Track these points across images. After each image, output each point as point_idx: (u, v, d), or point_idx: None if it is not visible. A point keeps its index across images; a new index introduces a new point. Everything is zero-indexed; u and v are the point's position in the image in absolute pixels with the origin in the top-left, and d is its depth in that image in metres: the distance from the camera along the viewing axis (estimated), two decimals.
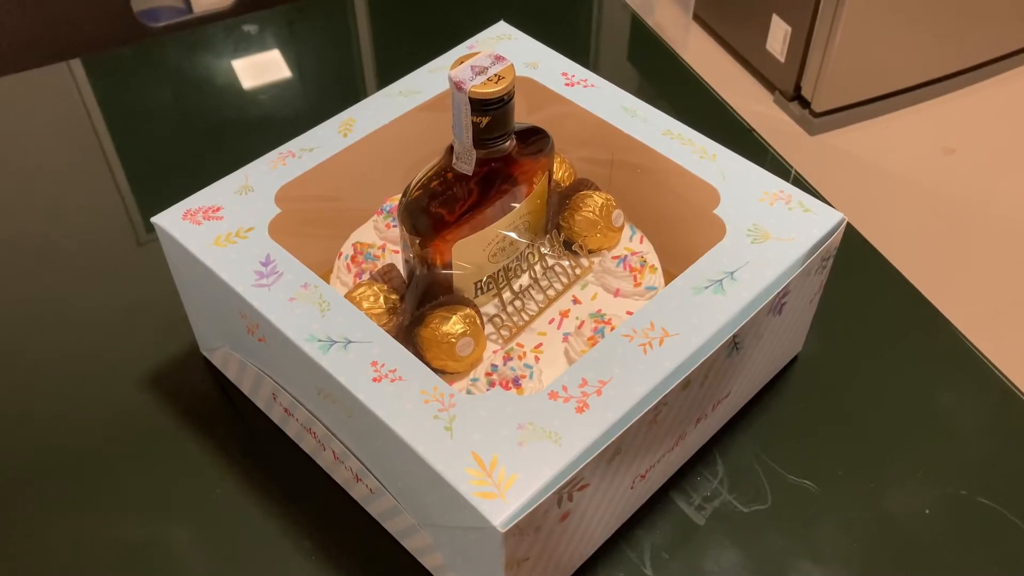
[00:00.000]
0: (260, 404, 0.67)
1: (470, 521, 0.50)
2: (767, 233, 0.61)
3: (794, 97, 2.10)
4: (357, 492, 0.62)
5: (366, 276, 0.66)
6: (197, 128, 0.93)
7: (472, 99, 0.55)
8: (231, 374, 0.69)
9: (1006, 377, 0.71)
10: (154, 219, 0.62)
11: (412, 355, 0.54)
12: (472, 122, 0.56)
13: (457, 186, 0.59)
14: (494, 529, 0.48)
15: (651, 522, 0.63)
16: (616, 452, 0.53)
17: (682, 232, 0.67)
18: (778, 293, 0.59)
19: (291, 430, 0.65)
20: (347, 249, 0.68)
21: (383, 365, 0.54)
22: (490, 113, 0.56)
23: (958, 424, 0.68)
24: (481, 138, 0.57)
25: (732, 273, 0.59)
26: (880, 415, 0.69)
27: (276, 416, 0.66)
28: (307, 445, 0.65)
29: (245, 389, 0.68)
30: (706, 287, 0.58)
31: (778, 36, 2.07)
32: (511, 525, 0.48)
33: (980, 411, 0.69)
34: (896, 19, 1.93)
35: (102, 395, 0.70)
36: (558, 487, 0.50)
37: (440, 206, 0.59)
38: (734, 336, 0.57)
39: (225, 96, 0.97)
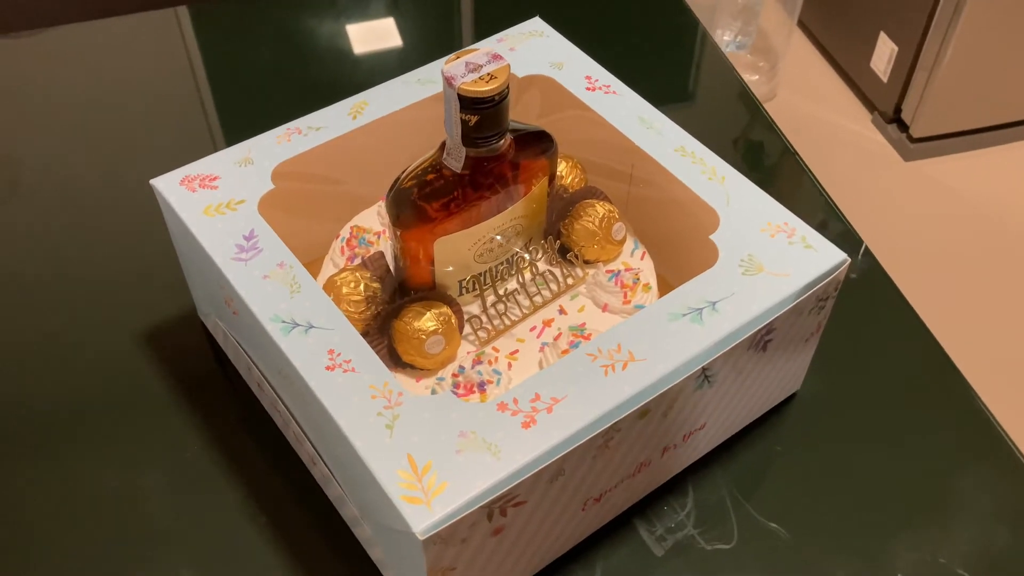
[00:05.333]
0: (241, 373, 0.68)
1: (396, 523, 0.49)
2: (760, 265, 0.58)
3: (893, 119, 2.02)
4: (316, 473, 0.62)
5: (358, 261, 0.66)
6: (290, 86, 0.94)
7: (461, 96, 0.54)
8: (220, 340, 0.70)
9: (1018, 449, 0.67)
10: (152, 181, 0.63)
11: (370, 348, 0.54)
12: (461, 119, 0.55)
13: (446, 182, 0.58)
14: (414, 535, 0.47)
15: (608, 546, 0.61)
16: (559, 473, 0.52)
17: (681, 254, 0.65)
18: (760, 329, 0.56)
19: (265, 403, 0.66)
20: (345, 232, 0.68)
21: (339, 354, 0.54)
22: (480, 112, 0.55)
23: (952, 490, 0.64)
24: (471, 136, 0.56)
25: (714, 303, 0.56)
26: (870, 469, 0.65)
27: (253, 387, 0.67)
28: (277, 420, 0.65)
29: (230, 357, 0.69)
30: (684, 314, 0.56)
31: (883, 55, 1.99)
32: (432, 534, 0.48)
33: (980, 481, 0.65)
34: (1009, 47, 1.83)
35: (99, 346, 0.71)
36: (488, 501, 0.49)
37: (426, 200, 0.59)
38: (704, 369, 0.55)
39: (321, 57, 0.98)
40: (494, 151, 0.58)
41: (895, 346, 0.73)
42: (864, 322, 0.74)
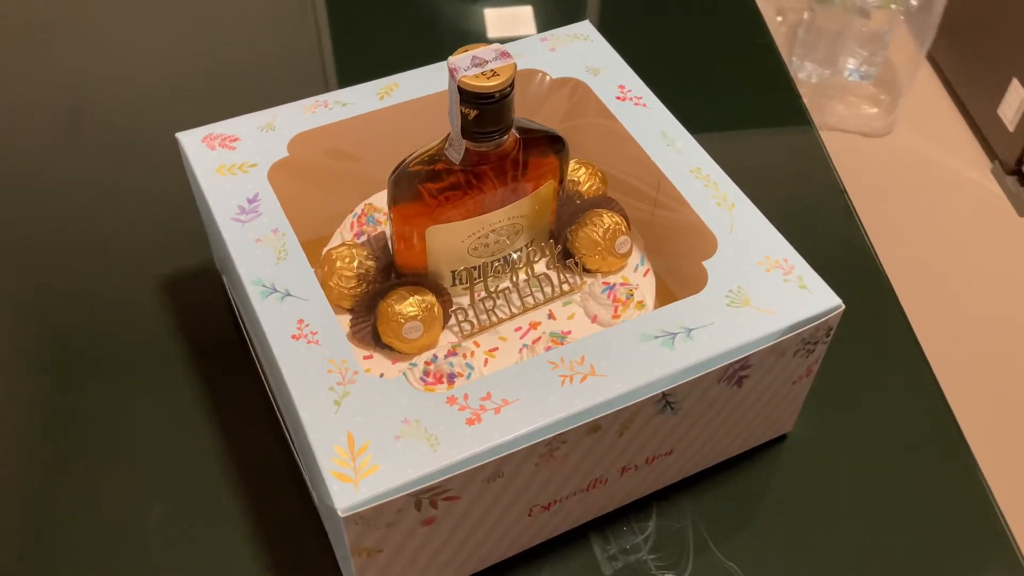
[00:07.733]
0: (242, 327, 0.70)
1: (325, 497, 0.50)
2: (747, 299, 0.57)
3: (1014, 171, 1.92)
4: (287, 435, 0.64)
5: (364, 238, 0.67)
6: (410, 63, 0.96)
7: (461, 89, 0.54)
8: (230, 292, 0.72)
9: (1016, 542, 0.63)
10: (178, 134, 0.65)
11: (339, 324, 0.55)
12: (461, 112, 0.55)
13: (448, 171, 0.59)
14: (336, 511, 0.48)
15: (558, 556, 0.61)
16: (496, 474, 0.52)
17: (681, 276, 0.64)
18: (732, 364, 0.55)
19: (256, 358, 0.68)
20: (359, 209, 0.69)
21: (307, 325, 0.55)
22: (479, 107, 0.55)
23: (930, 566, 0.61)
24: (470, 130, 0.56)
25: (690, 331, 0.55)
26: (846, 527, 0.63)
27: (249, 341, 0.69)
28: (263, 378, 0.67)
29: (236, 311, 0.71)
30: (656, 337, 0.55)
31: (1013, 102, 1.89)
32: (353, 513, 0.48)
33: (963, 556, 0.62)
34: None
35: (121, 282, 0.75)
36: (417, 490, 0.49)
37: (425, 186, 0.59)
38: (665, 395, 0.54)
39: (447, 36, 1.00)
40: (496, 147, 0.58)
41: (902, 403, 0.70)
42: (876, 374, 0.71)
